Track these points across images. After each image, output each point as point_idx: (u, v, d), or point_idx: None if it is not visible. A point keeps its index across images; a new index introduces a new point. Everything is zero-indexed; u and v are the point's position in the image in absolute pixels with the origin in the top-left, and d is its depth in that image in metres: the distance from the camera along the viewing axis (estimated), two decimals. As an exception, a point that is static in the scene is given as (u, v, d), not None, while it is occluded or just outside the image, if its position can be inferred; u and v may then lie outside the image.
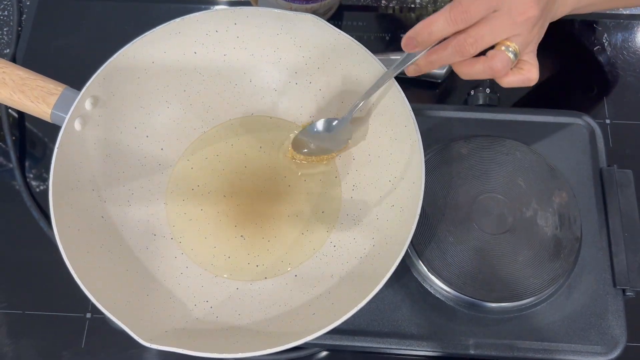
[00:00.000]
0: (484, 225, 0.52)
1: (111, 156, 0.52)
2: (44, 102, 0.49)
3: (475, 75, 0.47)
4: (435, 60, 0.47)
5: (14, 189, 0.60)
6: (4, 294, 0.56)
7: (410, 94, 0.49)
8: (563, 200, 0.52)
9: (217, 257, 0.52)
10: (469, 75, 0.48)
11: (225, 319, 0.48)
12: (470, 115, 0.57)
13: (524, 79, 0.48)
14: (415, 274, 0.51)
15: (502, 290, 0.49)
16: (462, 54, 0.46)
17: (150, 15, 0.68)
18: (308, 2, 0.60)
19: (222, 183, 0.55)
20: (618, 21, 0.67)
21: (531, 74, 0.48)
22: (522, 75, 0.48)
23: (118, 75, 0.51)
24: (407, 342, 0.49)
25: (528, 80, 0.48)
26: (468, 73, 0.47)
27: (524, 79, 0.48)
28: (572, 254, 0.51)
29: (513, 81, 0.48)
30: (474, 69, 0.47)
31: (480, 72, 0.47)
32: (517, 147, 0.54)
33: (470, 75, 0.48)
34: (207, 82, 0.56)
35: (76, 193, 0.49)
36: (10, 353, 0.53)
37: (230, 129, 0.57)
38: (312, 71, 0.55)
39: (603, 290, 0.50)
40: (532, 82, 0.48)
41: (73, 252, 0.44)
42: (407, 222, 0.45)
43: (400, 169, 0.50)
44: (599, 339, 0.49)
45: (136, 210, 0.53)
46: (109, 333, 0.53)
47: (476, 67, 0.47)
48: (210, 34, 0.54)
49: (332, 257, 0.51)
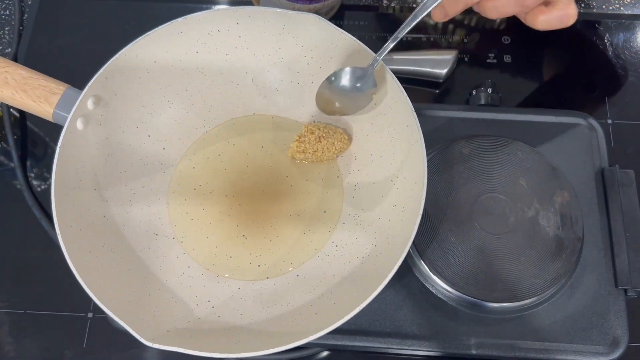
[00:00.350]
0: (486, 225, 0.52)
1: (113, 156, 0.52)
2: (46, 101, 0.49)
3: (502, 8, 0.43)
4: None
5: (15, 188, 0.60)
6: (6, 293, 0.56)
7: (412, 93, 0.49)
8: (565, 200, 0.52)
9: (219, 256, 0.52)
10: (496, 9, 0.43)
11: (227, 318, 0.48)
12: (472, 115, 0.57)
13: (561, 15, 0.43)
14: (417, 274, 0.51)
15: (504, 290, 0.49)
16: None
17: (152, 14, 0.68)
18: (311, 2, 0.60)
19: (223, 183, 0.55)
20: (620, 21, 0.67)
21: (569, 8, 0.43)
22: (559, 11, 0.43)
23: (120, 74, 0.51)
24: (408, 342, 0.49)
25: (566, 17, 0.44)
26: (495, 7, 0.43)
27: (561, 15, 0.43)
28: (573, 254, 0.51)
29: (550, 19, 0.43)
30: (501, 2, 0.43)
31: (508, 4, 0.43)
32: (518, 147, 0.54)
33: (497, 8, 0.43)
34: (209, 81, 0.56)
35: (78, 192, 0.49)
36: (12, 352, 0.53)
37: (232, 128, 0.57)
38: (314, 71, 0.55)
39: (605, 291, 0.50)
40: (570, 17, 0.44)
41: (75, 251, 0.44)
42: (409, 222, 0.45)
43: (402, 168, 0.50)
44: (600, 339, 0.49)
45: (138, 210, 0.53)
46: (110, 332, 0.53)
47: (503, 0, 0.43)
48: (212, 33, 0.54)
49: (334, 257, 0.51)
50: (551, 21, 0.43)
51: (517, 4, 0.42)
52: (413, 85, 0.63)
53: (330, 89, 0.52)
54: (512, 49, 0.65)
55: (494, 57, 0.65)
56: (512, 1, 0.42)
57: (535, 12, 0.44)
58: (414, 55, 0.62)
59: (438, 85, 0.63)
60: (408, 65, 0.62)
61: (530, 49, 0.65)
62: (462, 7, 0.45)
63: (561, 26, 0.43)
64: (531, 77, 0.64)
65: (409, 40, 0.65)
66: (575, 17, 0.43)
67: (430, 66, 0.62)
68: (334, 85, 0.51)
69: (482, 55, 0.65)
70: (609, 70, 0.64)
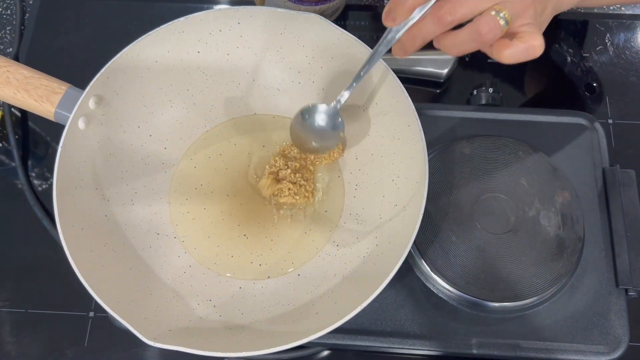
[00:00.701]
0: (487, 225, 0.52)
1: (114, 155, 0.52)
2: (47, 101, 0.49)
3: (461, 45, 0.42)
4: (417, 35, 0.43)
5: (17, 188, 0.60)
6: (7, 292, 0.56)
7: (413, 93, 0.49)
8: (566, 200, 0.52)
9: (220, 256, 0.52)
10: (454, 46, 0.42)
11: (229, 317, 0.48)
12: (473, 115, 0.57)
13: (526, 47, 0.41)
14: (418, 274, 0.51)
15: (505, 289, 0.49)
16: (440, 22, 0.41)
17: (153, 14, 0.68)
18: (317, 3, 0.60)
19: (225, 182, 0.55)
20: (620, 21, 0.67)
21: (534, 39, 0.41)
22: (523, 44, 0.41)
23: (122, 74, 0.51)
24: (409, 341, 0.49)
25: (532, 49, 0.41)
26: (453, 44, 0.42)
27: (526, 47, 0.41)
28: (574, 254, 0.51)
29: (514, 52, 0.41)
30: (459, 38, 0.42)
31: (466, 41, 0.41)
32: (519, 147, 0.54)
33: (456, 46, 0.42)
34: (210, 81, 0.56)
35: (79, 192, 0.49)
36: (13, 352, 0.53)
37: (234, 128, 0.57)
38: (315, 70, 0.55)
39: (605, 290, 0.50)
40: (536, 49, 0.42)
41: (76, 250, 0.44)
42: (410, 222, 0.46)
43: (403, 168, 0.50)
44: (601, 339, 0.49)
45: (139, 209, 0.53)
46: (112, 331, 0.54)
47: (460, 36, 0.41)
48: (213, 33, 0.54)
49: (335, 256, 0.51)
50: (516, 54, 0.41)
51: (474, 40, 0.41)
52: (414, 85, 0.63)
53: (303, 125, 0.52)
54: (513, 49, 0.65)
55: (495, 57, 0.65)
56: (468, 38, 0.41)
57: (500, 46, 0.42)
58: (415, 55, 0.62)
59: (439, 85, 0.63)
60: (409, 65, 0.62)
61: (531, 48, 0.65)
62: (420, 43, 0.44)
63: (528, 58, 0.41)
64: (532, 77, 0.64)
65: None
66: (541, 47, 0.41)
67: (431, 66, 0.62)
68: (307, 122, 0.52)
69: (483, 55, 0.64)
70: (609, 70, 0.64)
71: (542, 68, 0.65)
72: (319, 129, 0.52)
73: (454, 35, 0.42)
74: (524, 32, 0.42)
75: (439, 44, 0.43)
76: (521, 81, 0.64)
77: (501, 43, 0.42)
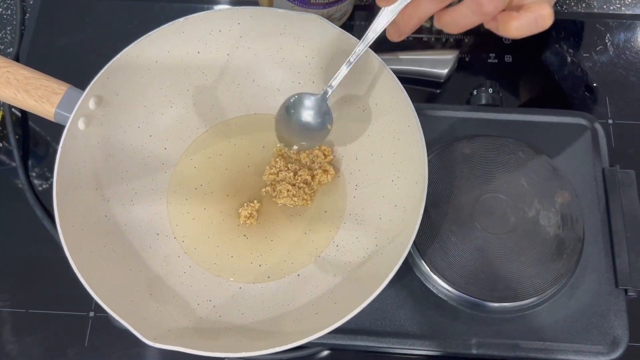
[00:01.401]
0: (487, 225, 0.52)
1: (114, 155, 0.52)
2: (47, 101, 0.49)
3: (461, 20, 0.39)
4: (413, 14, 0.40)
5: (17, 188, 0.60)
6: (8, 292, 0.56)
7: (413, 93, 0.49)
8: (565, 200, 0.52)
9: (220, 256, 0.52)
10: (455, 23, 0.39)
11: (229, 318, 0.48)
12: (473, 115, 0.57)
13: (535, 17, 0.38)
14: (417, 274, 0.51)
15: (505, 290, 0.49)
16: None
17: (153, 14, 0.68)
18: (324, 7, 0.60)
19: (224, 182, 0.55)
20: (620, 21, 0.67)
21: (542, 9, 0.38)
22: (531, 13, 0.38)
23: (122, 74, 0.51)
24: (409, 341, 0.49)
25: (541, 18, 0.38)
26: (453, 21, 0.39)
27: (535, 17, 0.38)
28: (574, 254, 0.51)
29: (523, 25, 0.38)
30: (458, 14, 0.39)
31: (466, 14, 0.38)
32: (519, 147, 0.55)
33: (457, 22, 0.39)
34: (210, 81, 0.56)
35: (80, 192, 0.49)
36: (13, 351, 0.53)
37: (233, 128, 0.57)
38: (315, 71, 0.55)
39: (605, 291, 0.50)
40: (545, 19, 0.38)
41: (76, 250, 0.44)
42: (410, 222, 0.46)
43: (403, 168, 0.51)
44: (601, 339, 0.49)
45: (139, 210, 0.53)
46: (112, 332, 0.54)
47: (459, 11, 0.39)
48: (213, 33, 0.54)
49: (335, 256, 0.51)
50: (524, 26, 0.38)
51: (475, 13, 0.38)
52: (414, 85, 0.63)
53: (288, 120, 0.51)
54: (513, 49, 0.65)
55: (494, 57, 0.65)
56: (469, 12, 0.38)
57: (506, 19, 0.39)
58: (415, 55, 0.62)
59: (439, 85, 0.63)
60: (409, 65, 0.62)
61: (531, 48, 0.65)
62: (416, 22, 0.41)
63: (538, 30, 0.38)
64: (532, 77, 0.64)
65: (409, 40, 0.65)
66: (551, 17, 0.38)
67: (431, 66, 0.62)
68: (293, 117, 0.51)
69: (483, 55, 0.65)
70: (610, 70, 0.64)
71: (542, 68, 0.65)
72: (305, 124, 0.50)
73: (452, 10, 0.39)
74: (531, 3, 0.39)
75: (439, 22, 0.41)
76: (521, 81, 0.64)
77: (507, 15, 0.39)
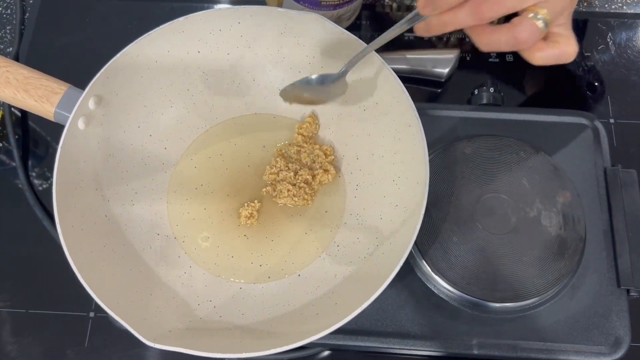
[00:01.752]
0: (488, 225, 0.51)
1: (114, 155, 0.52)
2: (47, 101, 0.48)
3: (496, 45, 0.40)
4: (448, 22, 0.41)
5: (17, 188, 0.60)
6: (8, 292, 0.56)
7: (413, 92, 0.49)
8: (567, 200, 0.52)
9: (221, 256, 0.52)
10: (489, 45, 0.40)
11: (229, 318, 0.48)
12: (474, 114, 0.57)
13: (560, 53, 0.40)
14: (418, 274, 0.51)
15: (506, 290, 0.49)
16: (479, 16, 0.39)
17: (153, 14, 0.68)
18: (335, 8, 0.60)
19: (225, 182, 0.55)
20: (622, 20, 0.67)
21: (568, 46, 0.40)
22: (557, 50, 0.40)
23: (121, 74, 0.51)
24: (410, 341, 0.49)
25: (565, 55, 0.41)
26: (488, 43, 0.40)
27: (560, 53, 0.40)
28: (576, 254, 0.50)
29: (547, 56, 0.41)
30: (494, 38, 0.40)
31: (502, 43, 0.40)
32: (521, 146, 0.54)
33: (490, 45, 0.40)
34: (210, 80, 0.56)
35: (79, 192, 0.49)
36: (13, 352, 0.53)
37: (234, 128, 0.57)
38: (315, 70, 0.55)
39: (607, 291, 0.50)
40: (569, 56, 0.41)
41: (76, 251, 0.44)
42: (411, 222, 0.45)
43: (404, 168, 0.50)
44: (602, 340, 0.48)
45: (139, 210, 0.53)
46: (112, 332, 0.54)
47: (497, 36, 0.40)
48: (213, 32, 0.54)
49: (336, 256, 0.51)
50: (549, 58, 0.41)
51: (510, 45, 0.39)
52: (415, 85, 0.63)
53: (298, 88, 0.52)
54: (514, 48, 0.65)
55: (496, 57, 0.65)
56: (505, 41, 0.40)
57: (533, 48, 0.41)
58: (416, 55, 0.62)
59: (440, 84, 0.63)
60: (410, 64, 0.62)
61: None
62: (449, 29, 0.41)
63: (559, 63, 0.41)
64: (533, 76, 0.64)
65: (410, 39, 0.65)
66: (574, 54, 0.41)
67: (432, 65, 0.62)
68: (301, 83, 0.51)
69: (484, 54, 0.65)
70: (611, 70, 0.64)
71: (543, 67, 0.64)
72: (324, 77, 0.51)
73: (489, 33, 0.40)
74: (559, 36, 0.41)
75: (474, 38, 0.42)
76: (522, 81, 0.64)
77: (535, 45, 0.41)
